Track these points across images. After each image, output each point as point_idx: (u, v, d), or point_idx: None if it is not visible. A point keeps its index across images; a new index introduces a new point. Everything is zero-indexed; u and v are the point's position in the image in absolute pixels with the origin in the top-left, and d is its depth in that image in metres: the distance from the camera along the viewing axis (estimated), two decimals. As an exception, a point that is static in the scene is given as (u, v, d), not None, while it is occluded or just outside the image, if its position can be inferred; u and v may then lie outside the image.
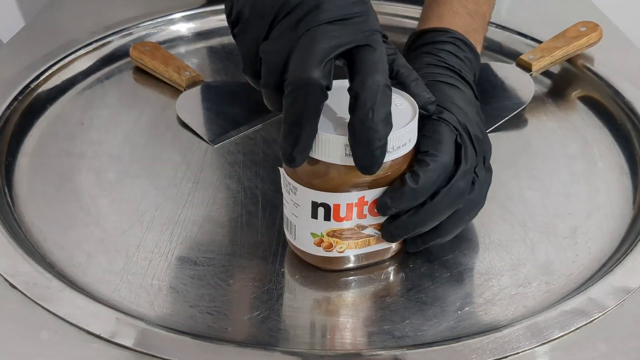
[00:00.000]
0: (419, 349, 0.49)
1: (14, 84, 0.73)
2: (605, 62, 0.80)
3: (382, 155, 0.48)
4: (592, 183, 0.66)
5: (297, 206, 0.52)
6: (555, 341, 0.50)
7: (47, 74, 0.76)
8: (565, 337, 0.50)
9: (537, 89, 0.78)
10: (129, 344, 0.48)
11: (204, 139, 0.69)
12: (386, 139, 0.47)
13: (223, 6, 0.54)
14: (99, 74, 0.80)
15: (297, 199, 0.52)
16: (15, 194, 0.63)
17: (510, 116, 0.73)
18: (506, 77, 0.77)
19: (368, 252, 0.54)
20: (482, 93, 0.65)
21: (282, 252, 0.57)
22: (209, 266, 0.56)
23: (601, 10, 0.93)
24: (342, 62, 0.49)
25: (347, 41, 0.47)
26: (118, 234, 0.58)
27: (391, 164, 0.50)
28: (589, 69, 0.79)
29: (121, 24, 0.85)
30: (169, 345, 0.49)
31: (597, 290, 0.53)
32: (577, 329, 0.51)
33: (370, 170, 0.48)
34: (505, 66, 0.79)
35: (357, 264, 0.55)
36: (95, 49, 0.81)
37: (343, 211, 0.51)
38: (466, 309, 0.53)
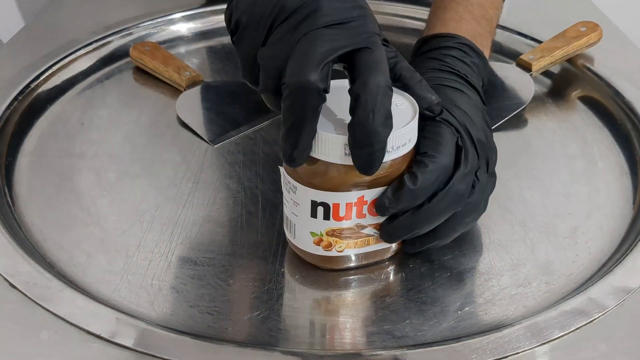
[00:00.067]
0: (419, 349, 0.49)
1: (14, 84, 0.73)
2: (605, 62, 0.80)
3: (382, 156, 0.48)
4: (592, 183, 0.66)
5: (297, 205, 0.52)
6: (555, 341, 0.50)
7: (47, 74, 0.76)
8: (565, 337, 0.50)
9: (537, 89, 0.78)
10: (129, 344, 0.48)
11: (204, 139, 0.69)
12: (386, 141, 0.47)
13: (223, 6, 0.54)
14: (99, 74, 0.80)
15: (297, 197, 0.52)
16: (15, 194, 0.63)
17: (510, 116, 0.73)
18: (506, 77, 0.77)
19: (367, 251, 0.54)
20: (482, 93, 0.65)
21: (282, 252, 0.57)
22: (209, 266, 0.56)
23: (601, 10, 0.93)
24: (342, 65, 0.49)
25: (345, 44, 0.47)
26: (118, 234, 0.58)
27: (391, 163, 0.50)
28: (589, 69, 0.79)
29: (121, 24, 0.84)
30: (169, 345, 0.49)
31: (597, 290, 0.53)
32: (577, 329, 0.51)
33: (369, 171, 0.48)
34: (505, 66, 0.79)
35: (356, 263, 0.55)
36: (95, 49, 0.81)
37: (342, 210, 0.51)
38: (466, 309, 0.53)
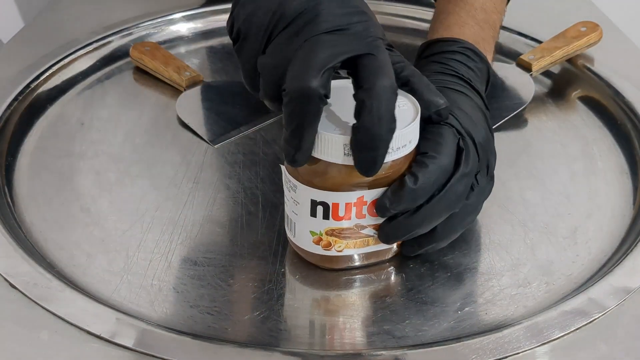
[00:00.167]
0: (419, 349, 0.49)
1: (14, 84, 0.73)
2: (605, 62, 0.80)
3: (383, 159, 0.48)
4: (592, 183, 0.66)
5: (297, 204, 0.52)
6: (555, 341, 0.50)
7: (47, 74, 0.76)
8: (565, 337, 0.50)
9: (537, 89, 0.77)
10: (129, 344, 0.48)
11: (204, 139, 0.69)
12: (389, 145, 0.47)
13: (223, 6, 0.54)
14: (99, 74, 0.80)
15: (297, 196, 0.52)
16: (15, 194, 0.63)
17: (510, 116, 0.73)
18: (506, 77, 0.77)
19: (368, 252, 0.54)
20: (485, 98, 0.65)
21: (282, 252, 0.57)
22: (209, 266, 0.56)
23: (601, 10, 0.93)
24: (345, 71, 0.49)
25: (346, 50, 0.47)
26: (118, 234, 0.58)
27: (391, 164, 0.50)
28: (589, 69, 0.79)
29: (121, 24, 0.84)
30: (169, 345, 0.49)
31: (597, 290, 0.53)
32: (577, 329, 0.51)
33: (371, 173, 0.48)
34: (505, 66, 0.79)
35: (356, 263, 0.55)
36: (95, 49, 0.81)
37: (342, 210, 0.51)
38: (466, 309, 0.53)
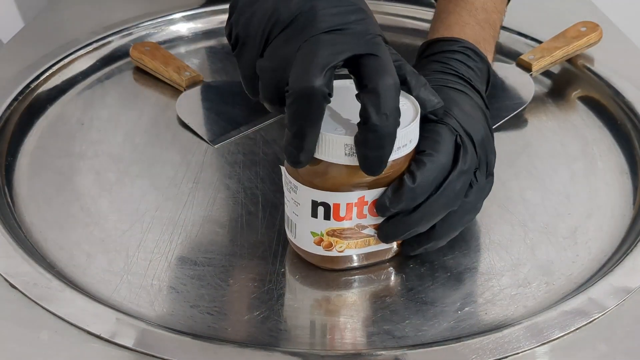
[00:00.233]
0: (419, 349, 0.49)
1: (14, 84, 0.73)
2: (605, 62, 0.80)
3: (388, 157, 0.48)
4: (592, 183, 0.66)
5: (298, 205, 0.52)
6: (555, 341, 0.50)
7: (47, 74, 0.76)
8: (565, 337, 0.50)
9: (537, 89, 0.78)
10: (129, 344, 0.48)
11: (204, 139, 0.69)
12: (394, 143, 0.48)
13: (223, 6, 0.54)
14: (99, 74, 0.80)
15: (298, 197, 0.52)
16: (15, 194, 0.63)
17: (510, 116, 0.73)
18: (506, 77, 0.77)
19: (368, 252, 0.54)
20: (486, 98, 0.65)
21: (282, 252, 0.57)
22: (209, 266, 0.56)
23: (601, 10, 0.93)
24: (346, 70, 0.49)
25: (347, 49, 0.47)
26: (118, 234, 0.58)
27: (392, 164, 0.50)
28: (589, 69, 0.79)
29: (121, 24, 0.84)
30: (169, 345, 0.49)
31: (597, 290, 0.53)
32: (577, 329, 0.51)
33: (377, 172, 0.48)
34: (505, 66, 0.79)
35: (357, 264, 0.55)
36: (95, 49, 0.81)
37: (343, 211, 0.51)
38: (466, 309, 0.53)
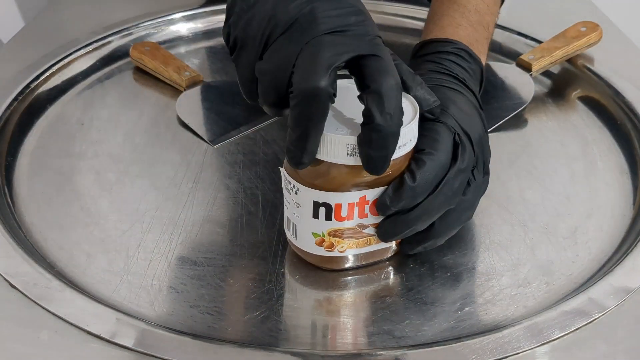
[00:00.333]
0: (419, 349, 0.49)
1: (14, 84, 0.73)
2: (605, 62, 0.80)
3: (391, 156, 0.48)
4: (592, 183, 0.66)
5: (299, 206, 0.52)
6: (555, 341, 0.50)
7: (47, 74, 0.76)
8: (565, 337, 0.50)
9: (537, 89, 0.78)
10: (129, 344, 0.48)
11: (204, 139, 0.69)
12: (397, 143, 0.48)
13: (223, 6, 0.54)
14: (99, 74, 0.80)
15: (299, 198, 0.52)
16: (15, 194, 0.63)
17: (510, 116, 0.73)
18: (506, 77, 0.77)
19: (368, 251, 0.54)
20: (483, 93, 0.65)
21: (282, 252, 0.57)
22: (209, 266, 0.56)
23: (601, 10, 0.93)
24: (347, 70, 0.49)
25: (350, 49, 0.47)
26: (118, 234, 0.58)
27: (392, 163, 0.50)
28: (589, 69, 0.79)
29: (121, 24, 0.84)
30: (169, 345, 0.49)
31: (597, 290, 0.53)
32: (577, 329, 0.51)
33: (381, 171, 0.48)
34: (505, 66, 0.79)
35: (357, 263, 0.55)
36: (95, 49, 0.81)
37: (344, 211, 0.51)
38: (466, 309, 0.53)
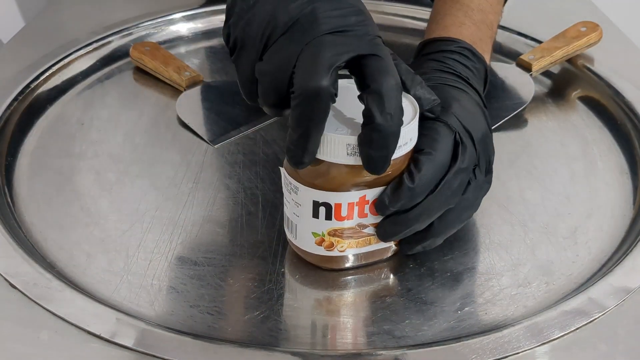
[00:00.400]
0: (419, 349, 0.49)
1: (14, 84, 0.73)
2: (605, 62, 0.80)
3: (392, 157, 0.48)
4: (592, 183, 0.66)
5: (299, 206, 0.52)
6: (555, 341, 0.50)
7: (47, 74, 0.76)
8: (565, 337, 0.50)
9: (537, 89, 0.78)
10: (129, 344, 0.48)
11: (204, 139, 0.69)
12: (397, 142, 0.48)
13: (223, 6, 0.54)
14: (99, 74, 0.80)
15: (299, 198, 0.52)
16: (15, 194, 0.63)
17: (510, 116, 0.73)
18: (506, 77, 0.77)
19: (368, 251, 0.54)
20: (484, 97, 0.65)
21: (282, 252, 0.57)
22: (209, 266, 0.56)
23: (601, 10, 0.93)
24: (347, 71, 0.49)
25: (350, 49, 0.47)
26: (118, 234, 0.58)
27: (392, 162, 0.50)
28: (589, 69, 0.79)
29: (121, 24, 0.84)
30: (169, 345, 0.49)
31: (597, 290, 0.53)
32: (577, 329, 0.51)
33: (382, 171, 0.48)
34: (505, 66, 0.79)
35: (357, 263, 0.55)
36: (95, 49, 0.81)
37: (344, 210, 0.51)
38: (466, 309, 0.53)
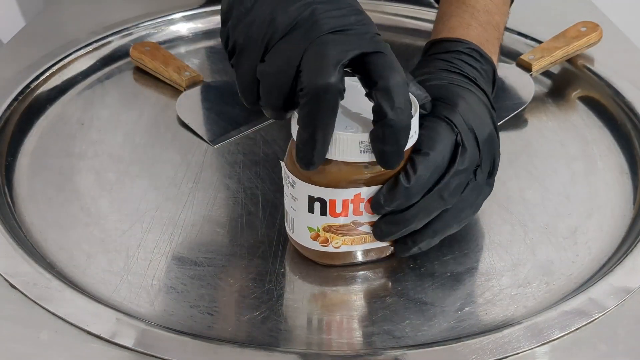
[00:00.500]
0: (419, 349, 0.49)
1: (14, 84, 0.73)
2: (605, 62, 0.80)
3: (404, 150, 0.49)
4: (592, 183, 0.66)
5: (295, 200, 0.52)
6: (555, 341, 0.50)
7: (47, 74, 0.76)
8: (565, 337, 0.50)
9: (537, 89, 0.78)
10: (129, 344, 0.48)
11: (204, 139, 0.69)
12: (409, 135, 0.48)
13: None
14: (99, 74, 0.80)
15: (296, 192, 0.52)
16: (15, 194, 0.63)
17: (510, 116, 0.73)
18: (506, 77, 0.77)
19: (365, 249, 0.54)
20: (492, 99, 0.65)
21: (282, 252, 0.57)
22: (209, 266, 0.56)
23: (601, 10, 0.93)
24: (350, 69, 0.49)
25: (354, 47, 0.47)
26: (118, 234, 0.58)
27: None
28: (589, 69, 0.79)
29: (121, 24, 0.84)
30: (169, 345, 0.49)
31: (597, 290, 0.53)
32: (577, 329, 0.51)
33: (395, 165, 0.49)
34: (505, 66, 0.79)
35: (355, 260, 0.55)
36: (95, 49, 0.81)
37: (339, 207, 0.51)
38: (466, 309, 0.53)
